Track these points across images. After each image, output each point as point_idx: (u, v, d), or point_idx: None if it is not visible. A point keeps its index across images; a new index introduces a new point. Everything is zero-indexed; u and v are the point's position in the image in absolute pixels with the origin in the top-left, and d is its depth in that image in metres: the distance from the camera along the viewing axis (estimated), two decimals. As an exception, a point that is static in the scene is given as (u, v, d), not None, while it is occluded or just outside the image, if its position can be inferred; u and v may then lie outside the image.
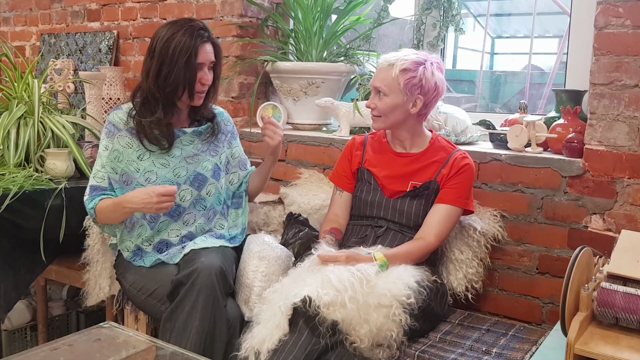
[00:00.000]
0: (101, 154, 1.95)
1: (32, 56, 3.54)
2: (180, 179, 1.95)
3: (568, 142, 1.95)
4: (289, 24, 2.77)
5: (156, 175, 1.93)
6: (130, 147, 1.94)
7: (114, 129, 1.95)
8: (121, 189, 1.93)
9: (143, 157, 1.94)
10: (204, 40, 1.89)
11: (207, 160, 2.01)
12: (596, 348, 1.32)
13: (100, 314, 2.63)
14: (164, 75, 1.87)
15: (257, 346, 1.55)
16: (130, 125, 1.94)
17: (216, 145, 2.06)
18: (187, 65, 1.86)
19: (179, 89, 1.88)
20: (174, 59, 1.85)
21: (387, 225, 1.94)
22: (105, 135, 1.96)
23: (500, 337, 1.82)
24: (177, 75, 1.86)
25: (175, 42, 1.85)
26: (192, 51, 1.85)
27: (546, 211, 1.99)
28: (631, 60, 1.80)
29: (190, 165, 1.97)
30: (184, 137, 1.98)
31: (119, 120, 1.95)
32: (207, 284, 1.70)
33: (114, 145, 1.93)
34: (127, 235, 1.97)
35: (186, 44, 1.85)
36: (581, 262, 1.43)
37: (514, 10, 3.53)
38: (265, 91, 2.82)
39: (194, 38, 1.86)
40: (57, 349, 1.48)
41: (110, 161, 1.93)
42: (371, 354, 1.58)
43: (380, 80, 1.89)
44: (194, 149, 1.99)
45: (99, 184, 1.93)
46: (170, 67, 1.85)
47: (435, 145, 1.97)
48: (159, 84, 1.88)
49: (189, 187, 1.96)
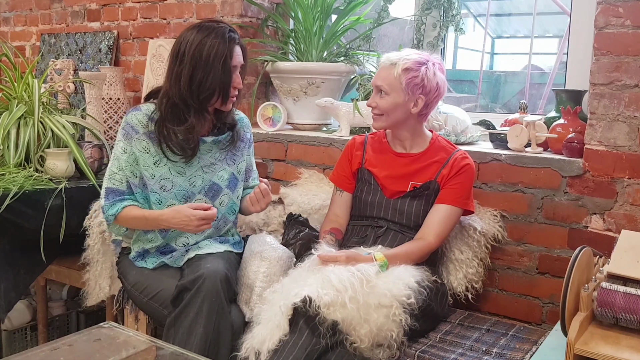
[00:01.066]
0: (119, 157, 1.88)
1: (32, 56, 3.54)
2: (195, 188, 1.90)
3: (568, 142, 1.95)
4: (289, 24, 2.77)
5: (172, 183, 1.88)
6: (148, 152, 1.87)
7: (132, 131, 1.87)
8: (141, 193, 1.89)
9: (160, 163, 1.87)
10: (236, 42, 1.85)
11: (224, 169, 1.96)
12: (596, 348, 1.32)
13: (100, 314, 2.63)
14: (199, 81, 1.79)
15: (257, 346, 1.55)
16: (150, 129, 1.86)
17: (234, 153, 2.00)
18: (224, 69, 1.80)
19: (215, 94, 1.83)
20: (209, 63, 1.78)
21: (387, 226, 1.94)
22: (123, 137, 1.88)
23: (500, 337, 1.82)
24: (214, 79, 1.80)
25: (209, 46, 1.78)
26: (227, 54, 1.80)
27: (546, 211, 1.99)
28: (631, 60, 1.80)
29: (206, 174, 1.92)
30: (203, 146, 1.91)
31: (137, 122, 1.87)
32: (212, 290, 1.69)
33: (132, 149, 1.87)
34: (143, 236, 1.93)
35: (221, 47, 1.79)
36: (581, 262, 1.43)
37: (514, 10, 3.53)
38: (265, 91, 2.82)
39: (227, 41, 1.81)
40: (57, 349, 1.48)
41: (129, 164, 1.87)
42: (371, 354, 1.58)
43: (382, 79, 1.89)
44: (211, 158, 1.94)
45: (117, 187, 1.87)
46: (206, 71, 1.79)
47: (435, 146, 1.97)
48: (193, 90, 1.80)
49: (204, 197, 1.92)
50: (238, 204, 2.02)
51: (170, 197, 1.88)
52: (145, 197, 1.90)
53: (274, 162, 2.59)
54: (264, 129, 2.61)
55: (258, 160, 2.61)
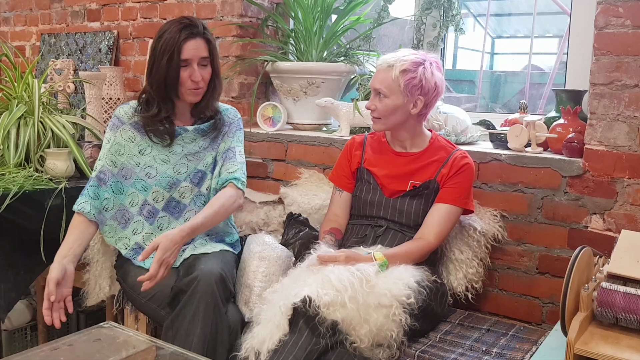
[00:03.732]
0: (104, 146, 1.99)
1: (32, 56, 3.54)
2: (180, 175, 1.97)
3: (568, 142, 1.95)
4: (289, 24, 2.77)
5: (156, 170, 1.95)
6: (133, 140, 1.97)
7: (118, 122, 1.99)
8: (118, 184, 1.94)
9: (144, 151, 1.97)
10: (191, 35, 1.88)
11: (210, 155, 2.02)
12: (596, 348, 1.32)
13: (100, 314, 2.63)
14: (153, 73, 1.91)
15: (257, 346, 1.55)
16: (135, 119, 1.98)
17: (217, 139, 2.05)
18: (169, 63, 1.87)
19: (162, 86, 1.90)
20: (158, 57, 1.88)
21: (386, 225, 1.94)
22: (109, 128, 1.99)
23: (500, 337, 1.82)
24: (161, 72, 1.88)
25: (163, 40, 1.88)
26: (175, 48, 1.86)
27: (546, 211, 1.99)
28: (631, 60, 1.80)
29: (191, 162, 1.99)
30: (186, 135, 1.99)
31: (124, 113, 1.99)
32: (207, 291, 1.69)
33: (116, 138, 1.97)
34: (122, 231, 1.95)
35: (170, 41, 1.86)
36: (581, 262, 1.43)
37: (514, 10, 3.53)
38: (265, 91, 2.82)
39: (179, 35, 1.86)
40: (57, 349, 1.48)
41: (110, 154, 1.96)
42: (371, 354, 1.58)
43: (380, 82, 1.89)
44: (195, 147, 2.00)
45: (95, 175, 1.95)
46: (157, 65, 1.89)
47: (434, 145, 1.97)
48: (151, 82, 1.92)
49: (189, 183, 1.98)
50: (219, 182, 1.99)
51: (155, 184, 1.96)
52: (120, 189, 1.95)
53: (274, 162, 2.59)
54: (264, 129, 2.61)
55: (258, 160, 2.61)
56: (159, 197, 1.96)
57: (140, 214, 1.95)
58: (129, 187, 1.96)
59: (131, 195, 1.96)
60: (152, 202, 1.96)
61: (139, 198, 1.96)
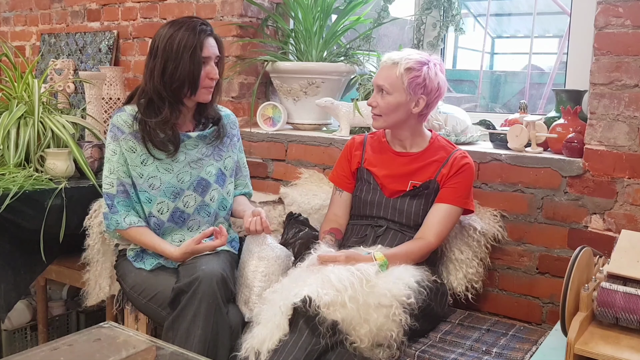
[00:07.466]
0: (110, 159, 1.92)
1: (32, 56, 3.54)
2: (184, 184, 1.93)
3: (568, 142, 1.95)
4: (289, 24, 2.77)
5: (160, 181, 1.91)
6: (134, 151, 1.91)
7: (118, 132, 1.91)
8: (136, 194, 1.92)
9: (147, 162, 1.91)
10: (207, 34, 1.88)
11: (211, 165, 1.99)
12: (596, 348, 1.32)
13: (100, 314, 2.63)
14: (170, 72, 1.85)
15: (257, 346, 1.55)
16: (135, 128, 1.90)
17: (220, 149, 2.03)
18: (192, 60, 1.84)
19: (186, 84, 1.86)
20: (179, 55, 1.84)
21: (387, 225, 1.94)
22: (112, 140, 1.93)
23: (500, 337, 1.82)
24: (183, 70, 1.84)
25: (179, 38, 1.84)
26: (196, 44, 1.84)
27: (546, 211, 1.99)
28: (631, 60, 1.80)
29: (194, 170, 1.95)
30: (189, 142, 1.95)
31: (123, 123, 1.91)
32: (208, 292, 1.69)
33: (121, 149, 1.91)
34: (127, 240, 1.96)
35: (190, 39, 1.84)
36: (581, 262, 1.43)
37: (514, 10, 3.53)
38: (265, 91, 2.82)
39: (197, 32, 1.85)
40: (57, 349, 1.48)
41: (120, 165, 1.90)
42: (371, 354, 1.59)
43: (383, 79, 1.89)
44: (198, 154, 1.97)
45: (108, 191, 1.91)
46: (176, 62, 1.84)
47: (434, 145, 1.97)
48: (165, 82, 1.86)
49: (193, 192, 1.94)
50: (229, 200, 2.03)
51: (160, 195, 1.91)
52: (139, 198, 1.92)
53: (274, 162, 2.59)
54: (264, 129, 2.61)
55: (258, 160, 2.61)
56: (163, 208, 1.91)
57: (148, 223, 1.93)
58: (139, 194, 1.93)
59: (136, 208, 1.93)
60: (157, 214, 1.91)
61: (144, 210, 1.92)
